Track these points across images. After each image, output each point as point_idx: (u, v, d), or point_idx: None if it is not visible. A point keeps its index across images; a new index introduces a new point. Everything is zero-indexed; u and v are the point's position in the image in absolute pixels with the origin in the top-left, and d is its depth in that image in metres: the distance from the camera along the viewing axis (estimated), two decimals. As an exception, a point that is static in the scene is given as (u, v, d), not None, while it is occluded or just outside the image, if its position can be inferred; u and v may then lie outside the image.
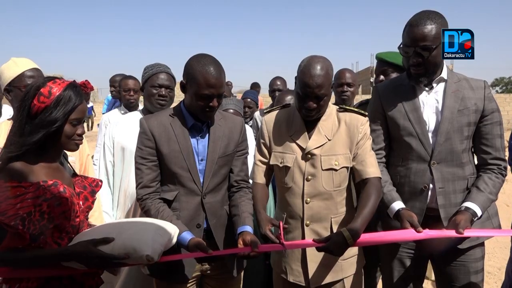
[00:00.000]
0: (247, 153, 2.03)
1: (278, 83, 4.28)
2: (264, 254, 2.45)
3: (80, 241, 1.42)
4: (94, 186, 1.61)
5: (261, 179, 1.98)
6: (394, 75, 2.57)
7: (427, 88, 1.94)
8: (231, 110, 2.47)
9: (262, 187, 1.97)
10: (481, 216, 1.83)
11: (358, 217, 1.70)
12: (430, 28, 1.79)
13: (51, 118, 1.39)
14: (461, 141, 1.89)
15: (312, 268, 1.88)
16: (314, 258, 1.87)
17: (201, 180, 1.84)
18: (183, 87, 1.80)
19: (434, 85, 1.93)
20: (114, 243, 1.43)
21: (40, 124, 1.39)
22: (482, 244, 1.99)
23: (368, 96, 3.95)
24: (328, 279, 1.88)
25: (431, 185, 1.91)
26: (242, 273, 2.10)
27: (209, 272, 1.93)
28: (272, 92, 4.29)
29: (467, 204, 1.83)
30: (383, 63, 2.61)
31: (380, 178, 1.86)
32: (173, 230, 1.63)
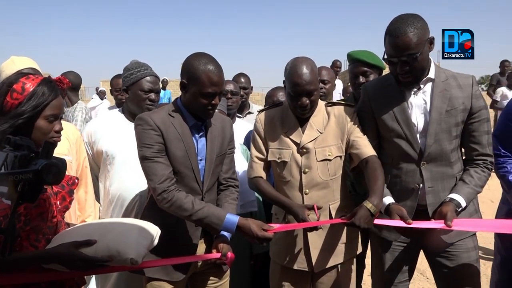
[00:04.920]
0: (234, 151, 2.07)
1: (243, 80, 3.92)
2: (249, 254, 2.43)
3: (62, 243, 1.37)
4: (71, 184, 1.56)
5: (262, 174, 2.04)
6: (373, 76, 2.51)
7: (415, 89, 1.93)
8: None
9: (265, 181, 2.04)
10: (465, 207, 1.86)
11: (374, 189, 1.76)
12: (411, 35, 1.73)
13: (19, 110, 1.33)
14: (450, 141, 1.90)
15: (314, 254, 1.98)
16: (316, 244, 1.98)
17: (201, 179, 1.84)
18: (184, 87, 1.78)
19: (422, 85, 1.92)
20: (97, 245, 1.39)
21: (8, 117, 1.33)
22: (473, 235, 2.00)
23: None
24: (330, 263, 2.00)
25: (421, 185, 1.92)
26: (229, 271, 2.06)
27: (199, 267, 1.91)
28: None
29: (452, 195, 1.86)
30: (364, 64, 2.51)
31: (377, 155, 1.91)
32: (155, 231, 1.60)
